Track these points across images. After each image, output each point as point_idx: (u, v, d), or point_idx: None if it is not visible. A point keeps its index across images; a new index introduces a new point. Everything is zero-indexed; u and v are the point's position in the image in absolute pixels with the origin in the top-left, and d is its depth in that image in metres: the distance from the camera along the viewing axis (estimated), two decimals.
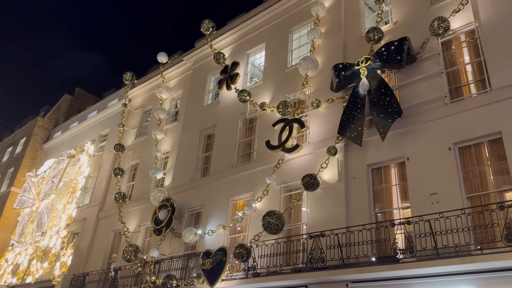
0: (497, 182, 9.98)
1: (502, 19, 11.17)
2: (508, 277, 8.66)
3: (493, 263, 8.60)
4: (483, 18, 11.52)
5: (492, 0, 11.59)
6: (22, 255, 23.83)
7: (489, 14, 11.49)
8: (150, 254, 15.97)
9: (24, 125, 33.92)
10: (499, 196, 9.71)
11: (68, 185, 23.76)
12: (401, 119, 11.66)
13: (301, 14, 17.06)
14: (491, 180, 10.14)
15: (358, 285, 10.60)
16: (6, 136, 36.71)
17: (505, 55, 10.74)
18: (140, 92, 23.90)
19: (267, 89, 16.51)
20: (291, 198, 13.81)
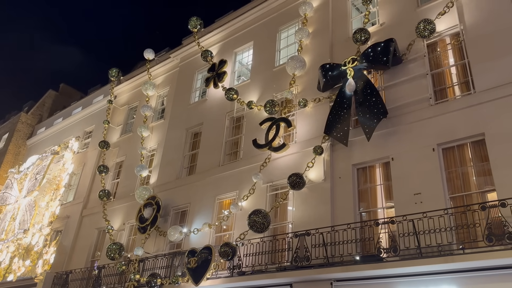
0: (480, 183, 10.11)
1: (487, 22, 11.32)
2: (489, 276, 8.76)
3: (474, 262, 8.68)
4: (468, 21, 11.65)
5: (477, 4, 11.72)
6: (3, 253, 23.49)
7: (474, 18, 11.62)
8: (134, 253, 15.90)
9: (7, 120, 33.52)
10: (481, 196, 9.86)
11: (51, 182, 23.51)
12: (386, 119, 11.75)
13: (289, 14, 17.09)
14: (474, 181, 10.26)
15: (342, 283, 10.61)
16: None
17: (488, 58, 10.87)
18: (126, 89, 23.74)
19: (254, 88, 16.51)
20: (277, 197, 13.80)
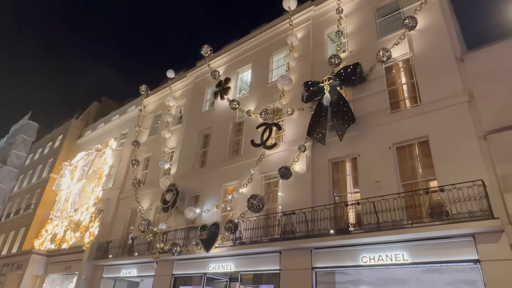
0: (424, 173, 10.29)
1: (429, 51, 11.53)
2: (431, 244, 8.94)
3: (420, 234, 8.86)
4: (416, 50, 11.84)
5: (422, 37, 11.90)
6: (59, 227, 23.66)
7: (420, 47, 11.81)
8: (159, 227, 15.94)
9: (61, 125, 33.54)
10: (425, 184, 10.02)
11: (95, 172, 23.61)
12: (354, 125, 11.83)
13: (279, 42, 17.17)
14: (420, 172, 10.43)
15: (319, 251, 10.76)
16: (47, 133, 36.23)
17: (431, 78, 11.06)
18: (153, 100, 23.77)
19: (252, 100, 16.57)
20: (270, 185, 13.83)
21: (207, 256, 13.52)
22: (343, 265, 10.34)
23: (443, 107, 10.32)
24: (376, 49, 12.66)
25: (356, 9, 14.59)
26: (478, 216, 8.21)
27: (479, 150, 9.21)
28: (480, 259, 8.17)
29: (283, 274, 11.27)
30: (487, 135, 9.23)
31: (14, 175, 35.59)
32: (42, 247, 23.33)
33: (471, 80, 10.13)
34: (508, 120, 9.02)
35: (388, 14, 13.65)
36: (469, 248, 8.39)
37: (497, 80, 9.65)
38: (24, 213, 28.66)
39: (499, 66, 9.78)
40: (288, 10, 16.47)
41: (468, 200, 8.50)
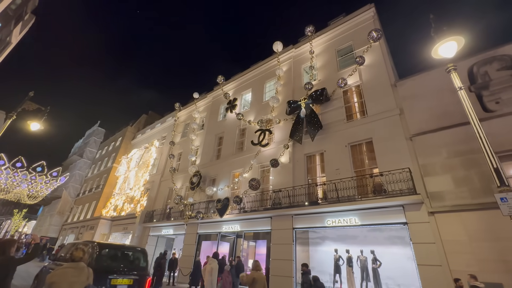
0: (369, 163, 10.30)
1: (373, 79, 11.54)
2: (374, 212, 8.99)
3: (366, 205, 8.91)
4: (364, 79, 11.84)
5: (368, 70, 11.90)
6: (119, 200, 23.64)
7: (366, 77, 11.81)
8: (188, 200, 15.97)
9: (121, 130, 33.46)
10: (370, 170, 10.04)
11: (144, 163, 23.62)
12: (322, 130, 11.89)
13: (270, 74, 17.16)
14: (366, 162, 10.46)
15: (298, 216, 10.82)
16: (110, 136, 36.17)
17: (374, 98, 11.09)
18: (183, 113, 23.75)
19: (252, 113, 16.58)
20: (264, 171, 13.90)
21: (221, 220, 13.54)
22: (314, 226, 10.38)
23: (382, 118, 10.37)
24: (337, 78, 12.71)
25: (323, 51, 14.59)
26: (406, 193, 8.29)
27: (407, 147, 9.27)
28: (408, 221, 8.26)
29: (273, 232, 11.32)
30: (412, 137, 9.28)
31: (88, 165, 35.51)
32: (107, 215, 23.35)
33: (401, 100, 10.17)
34: (427, 127, 9.09)
35: (345, 54, 13.66)
36: (400, 215, 8.48)
37: (420, 100, 9.69)
38: (95, 191, 28.62)
39: (421, 90, 9.82)
40: (276, 51, 16.49)
41: (399, 181, 8.58)
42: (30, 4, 13.98)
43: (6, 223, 46.22)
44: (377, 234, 10.74)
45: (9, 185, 21.84)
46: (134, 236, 18.42)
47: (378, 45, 12.06)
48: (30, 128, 8.27)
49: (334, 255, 11.05)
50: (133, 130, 31.61)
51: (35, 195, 23.33)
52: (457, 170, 7.98)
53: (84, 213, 28.10)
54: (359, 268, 10.47)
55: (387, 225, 8.92)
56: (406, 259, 9.41)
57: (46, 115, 8.27)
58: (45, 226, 32.58)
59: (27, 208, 41.37)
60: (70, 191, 31.78)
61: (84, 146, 37.81)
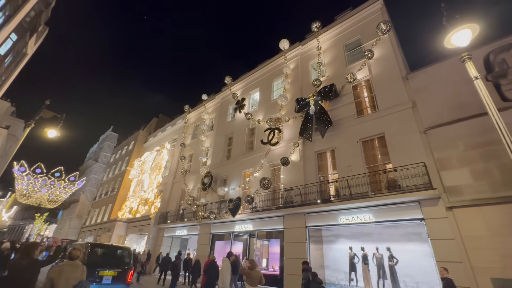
0: (382, 159, 10.10)
1: (383, 73, 11.29)
2: (388, 208, 8.81)
3: (380, 201, 8.75)
4: (374, 73, 11.61)
5: (378, 63, 11.66)
6: (134, 202, 24.14)
7: (376, 71, 11.57)
8: (200, 201, 16.12)
9: (133, 134, 34.18)
10: (383, 166, 9.85)
11: (156, 165, 24.01)
12: (332, 127, 11.74)
13: (278, 72, 17.08)
14: (379, 158, 10.25)
15: (310, 214, 10.74)
16: (123, 140, 36.99)
17: (385, 92, 10.85)
18: (193, 115, 23.99)
19: (260, 112, 16.57)
20: (275, 170, 13.87)
21: (234, 220, 13.61)
22: (327, 224, 10.27)
23: (394, 112, 10.13)
24: (345, 73, 12.50)
25: (331, 46, 14.39)
26: (421, 188, 8.07)
27: (421, 141, 9.02)
28: (424, 217, 8.05)
29: (286, 231, 11.28)
30: (427, 130, 9.01)
31: (103, 169, 36.51)
32: (123, 217, 23.90)
33: (414, 92, 9.90)
34: (441, 119, 8.81)
35: (353, 48, 13.41)
36: (416, 210, 8.28)
37: (433, 92, 9.40)
38: (111, 194, 29.37)
39: (434, 81, 9.52)
40: (283, 49, 16.39)
41: (414, 177, 8.37)
42: (43, 16, 14.50)
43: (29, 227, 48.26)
44: (392, 231, 10.50)
45: (30, 190, 22.79)
46: (149, 237, 18.79)
47: (387, 37, 11.77)
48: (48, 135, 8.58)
49: (348, 253, 10.89)
50: (144, 134, 32.21)
51: (55, 200, 24.23)
52: (475, 163, 7.68)
53: (101, 215, 28.91)
54: (375, 265, 10.27)
55: (403, 222, 8.71)
56: (424, 256, 9.16)
57: (62, 122, 8.56)
58: (65, 229, 33.78)
59: (48, 212, 43.05)
60: (87, 195, 32.78)
61: (99, 151, 38.90)
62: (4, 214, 52.26)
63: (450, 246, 7.32)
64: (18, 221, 54.38)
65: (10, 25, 10.81)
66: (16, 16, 10.92)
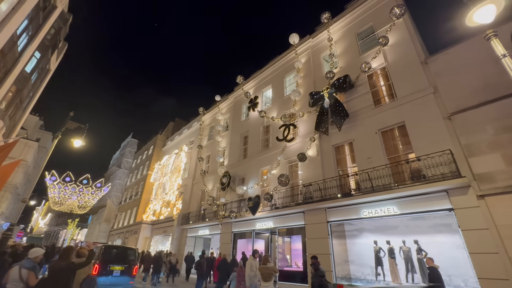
0: (404, 148, 9.75)
1: (400, 59, 10.85)
2: (414, 200, 8.51)
3: (404, 192, 8.46)
4: (389, 60, 11.18)
5: (394, 49, 11.21)
6: (156, 205, 24.86)
7: (392, 57, 11.14)
8: (220, 200, 16.36)
9: (151, 139, 35.25)
10: (405, 156, 9.51)
11: (176, 168, 24.52)
12: (348, 119, 11.49)
13: (289, 67, 16.92)
14: (400, 148, 9.89)
15: (331, 209, 10.60)
16: (143, 145, 38.24)
17: (403, 79, 10.44)
18: (208, 117, 24.35)
19: (274, 109, 16.51)
20: (292, 167, 13.79)
21: (254, 218, 13.69)
22: (349, 218, 10.08)
23: (414, 99, 9.72)
24: (359, 63, 12.14)
25: (342, 36, 14.01)
26: (449, 177, 7.69)
27: (445, 128, 8.59)
28: (454, 207, 7.69)
29: (307, 227, 11.19)
30: (451, 116, 8.55)
31: (126, 174, 38.05)
32: (147, 219, 24.76)
33: (435, 77, 9.43)
34: (467, 103, 8.32)
35: (366, 37, 12.97)
36: (444, 200, 7.93)
37: (456, 75, 8.89)
38: (135, 198, 30.55)
39: (456, 63, 9.00)
40: (293, 44, 16.18)
41: (440, 165, 7.99)
42: (62, 33, 15.30)
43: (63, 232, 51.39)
44: (419, 223, 10.09)
45: (61, 198, 24.24)
46: (173, 238, 19.35)
47: (402, 21, 11.27)
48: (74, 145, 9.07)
49: (374, 247, 10.60)
50: (162, 138, 33.13)
51: (84, 205, 25.59)
52: (507, 148, 7.19)
53: (127, 219, 30.18)
54: (402, 259, 9.92)
55: (430, 213, 8.35)
56: (455, 248, 8.72)
57: (85, 131, 9.02)
58: (95, 233, 35.64)
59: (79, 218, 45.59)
60: (113, 200, 34.32)
61: (121, 157, 40.55)
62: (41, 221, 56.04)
63: (484, 236, 6.92)
64: (53, 227, 58.11)
65: (33, 44, 11.51)
66: (38, 35, 11.60)
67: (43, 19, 11.85)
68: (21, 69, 11.44)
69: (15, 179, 24.44)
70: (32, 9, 9.71)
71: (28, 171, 27.73)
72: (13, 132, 14.75)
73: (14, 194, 25.68)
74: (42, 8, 11.29)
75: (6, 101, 11.74)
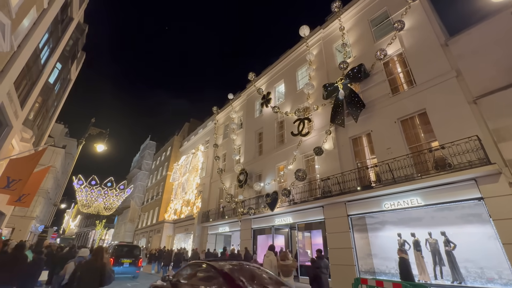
0: (426, 137, 9.33)
1: (418, 43, 10.34)
2: (439, 190, 8.16)
3: (428, 182, 8.13)
4: (406, 45, 10.68)
5: (410, 34, 10.70)
6: (177, 204, 25.54)
7: (409, 42, 10.63)
8: (238, 198, 16.53)
9: (169, 140, 36.11)
10: (428, 145, 9.10)
11: (193, 167, 25.01)
12: (365, 109, 11.17)
13: (301, 60, 16.65)
14: (422, 136, 9.47)
15: (351, 203, 10.39)
16: (161, 147, 39.27)
17: (422, 64, 9.95)
18: (222, 116, 24.56)
19: (287, 104, 16.35)
20: (309, 161, 13.64)
21: (273, 214, 13.71)
22: (370, 211, 9.84)
23: (435, 84, 9.23)
24: (374, 50, 11.71)
25: (355, 24, 13.55)
26: (477, 164, 7.27)
27: (471, 112, 8.11)
28: (483, 196, 7.27)
29: (327, 221, 11.05)
30: (477, 99, 8.05)
31: (147, 175, 39.39)
32: (169, 218, 25.53)
33: (457, 59, 8.89)
34: (493, 85, 7.79)
35: (380, 23, 12.46)
36: (472, 189, 7.53)
37: (480, 55, 8.34)
38: (156, 198, 31.59)
39: (481, 43, 8.44)
40: (304, 36, 15.88)
41: (466, 152, 7.57)
42: (80, 43, 15.96)
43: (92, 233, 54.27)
44: (446, 214, 9.64)
45: (88, 200, 25.54)
46: (195, 236, 19.82)
47: (419, 3, 10.71)
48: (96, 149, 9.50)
49: (397, 240, 10.28)
50: (179, 139, 33.88)
51: (110, 207, 26.80)
52: None
53: (150, 218, 31.29)
54: (429, 252, 9.54)
55: (457, 203, 7.95)
56: (487, 239, 8.25)
57: (107, 136, 9.40)
58: (121, 233, 37.29)
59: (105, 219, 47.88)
60: (136, 201, 35.69)
61: (141, 159, 41.98)
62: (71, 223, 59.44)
63: None
64: (83, 228, 61.49)
65: (55, 56, 12.10)
66: (58, 47, 12.18)
67: (62, 31, 12.42)
68: (45, 80, 12.08)
69: (46, 184, 26.04)
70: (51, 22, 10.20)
71: (57, 176, 29.43)
72: (41, 141, 15.67)
73: (46, 198, 27.39)
74: (60, 21, 11.83)
75: (34, 111, 12.47)
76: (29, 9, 8.14)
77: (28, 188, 9.90)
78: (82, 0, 14.09)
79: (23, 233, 22.30)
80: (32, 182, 10.15)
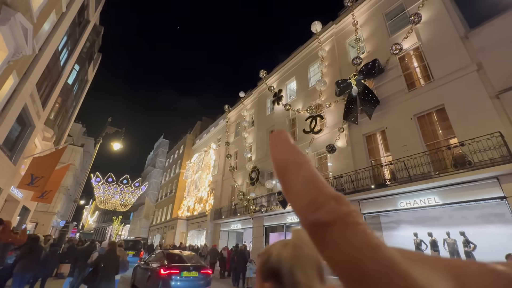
0: (444, 134, 9.01)
1: (436, 37, 9.95)
2: (458, 188, 7.88)
3: (447, 181, 7.86)
4: (423, 38, 10.31)
5: (428, 26, 10.31)
6: (190, 202, 25.97)
7: (426, 35, 10.25)
8: (250, 195, 16.61)
9: (181, 139, 36.66)
10: (446, 142, 8.78)
11: (206, 165, 25.28)
12: (379, 105, 10.91)
13: (313, 57, 16.43)
14: (440, 133, 9.15)
15: (365, 201, 10.21)
16: (174, 145, 39.95)
17: (440, 58, 9.58)
18: (233, 114, 24.64)
19: (299, 101, 16.20)
20: (321, 159, 13.49)
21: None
22: (385, 210, 9.65)
23: (454, 78, 8.87)
24: (389, 45, 11.37)
25: (368, 19, 13.21)
26: (499, 162, 6.95)
27: (493, 108, 7.74)
28: (506, 195, 6.95)
29: None
30: (500, 94, 7.68)
31: (160, 173, 40.29)
32: (183, 215, 26.03)
33: (478, 52, 8.50)
34: None
35: (395, 16, 12.09)
36: (494, 188, 7.22)
37: (504, 47, 7.94)
38: (170, 195, 32.27)
39: (504, 35, 8.02)
40: (316, 32, 15.65)
41: (488, 149, 7.25)
42: (96, 44, 16.47)
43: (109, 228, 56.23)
44: (465, 213, 9.29)
45: (106, 197, 26.44)
46: (207, 233, 20.12)
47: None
48: (113, 148, 9.81)
49: (414, 240, 10.01)
50: (191, 137, 34.35)
51: (126, 204, 27.63)
52: None
53: (164, 215, 32.03)
54: (447, 252, 9.24)
55: (478, 202, 7.65)
56: (510, 240, 7.90)
57: (123, 135, 9.69)
58: (136, 228, 38.43)
59: (122, 215, 49.43)
60: (150, 198, 36.62)
61: (155, 157, 42.97)
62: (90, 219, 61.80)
63: None
64: (101, 224, 63.83)
65: (73, 58, 12.56)
66: (76, 49, 12.64)
67: (79, 33, 12.86)
68: (64, 82, 12.57)
69: (67, 181, 27.17)
70: (69, 25, 10.59)
71: (76, 174, 30.63)
72: (61, 140, 16.35)
73: (66, 195, 28.61)
74: (78, 23, 12.25)
75: (54, 111, 13.02)
76: (49, 14, 8.49)
77: (50, 185, 10.40)
78: (98, 2, 14.51)
79: (46, 228, 23.42)
80: (54, 179, 10.65)
